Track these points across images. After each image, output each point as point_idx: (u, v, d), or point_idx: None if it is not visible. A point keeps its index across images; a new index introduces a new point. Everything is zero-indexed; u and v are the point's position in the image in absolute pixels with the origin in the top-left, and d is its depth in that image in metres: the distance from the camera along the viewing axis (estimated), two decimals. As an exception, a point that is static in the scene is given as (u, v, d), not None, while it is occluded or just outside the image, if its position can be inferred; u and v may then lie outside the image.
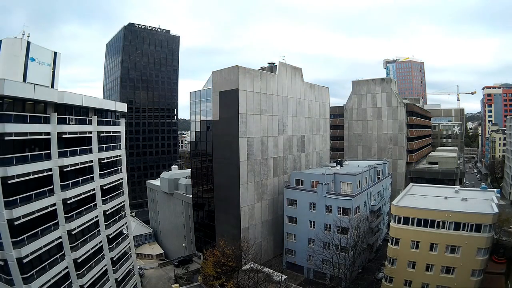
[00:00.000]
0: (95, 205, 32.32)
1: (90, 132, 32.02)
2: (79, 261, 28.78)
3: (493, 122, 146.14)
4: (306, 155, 60.95)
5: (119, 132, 38.32)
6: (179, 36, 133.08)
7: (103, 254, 33.23)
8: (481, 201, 39.97)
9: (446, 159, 78.78)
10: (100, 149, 33.54)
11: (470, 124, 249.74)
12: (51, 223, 26.41)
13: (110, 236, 34.59)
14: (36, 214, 24.60)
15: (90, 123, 32.12)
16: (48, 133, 26.55)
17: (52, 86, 33.56)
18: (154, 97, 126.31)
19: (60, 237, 27.12)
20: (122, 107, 39.36)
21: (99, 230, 32.76)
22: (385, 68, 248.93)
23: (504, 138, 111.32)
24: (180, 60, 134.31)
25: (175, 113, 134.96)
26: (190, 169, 61.24)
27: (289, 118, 55.45)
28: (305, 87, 59.97)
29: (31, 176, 24.40)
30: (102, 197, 33.42)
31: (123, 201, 38.53)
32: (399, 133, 74.49)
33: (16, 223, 22.77)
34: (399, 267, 38.57)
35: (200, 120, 52.01)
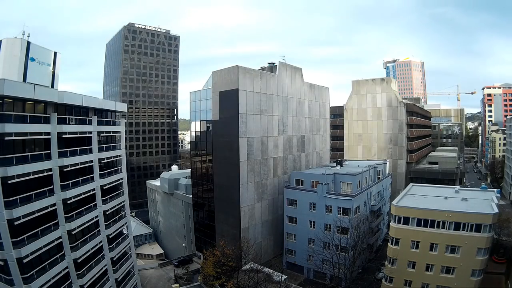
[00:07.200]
0: (95, 205, 32.31)
1: (90, 132, 32.02)
2: (79, 261, 28.78)
3: (493, 122, 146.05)
4: (306, 155, 60.93)
5: (119, 132, 38.34)
6: (179, 36, 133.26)
7: (103, 254, 33.22)
8: (481, 201, 39.95)
9: (446, 159, 78.80)
10: (100, 149, 33.55)
11: (470, 124, 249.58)
12: (51, 223, 26.42)
13: (110, 236, 34.60)
14: (36, 214, 24.60)
15: (90, 123, 32.13)
16: (48, 133, 26.57)
17: (52, 86, 33.58)
18: (154, 97, 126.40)
19: (60, 237, 27.13)
20: (122, 107, 39.42)
21: (99, 230, 32.75)
22: (385, 68, 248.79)
23: (504, 138, 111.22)
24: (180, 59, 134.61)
25: (175, 113, 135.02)
26: (190, 169, 61.24)
27: (289, 118, 55.43)
28: (305, 87, 59.96)
29: (31, 176, 24.40)
30: (102, 197, 33.42)
31: (123, 201, 38.54)
32: (399, 133, 74.45)
33: (16, 223, 22.78)
34: (399, 267, 38.55)
35: (200, 120, 52.02)
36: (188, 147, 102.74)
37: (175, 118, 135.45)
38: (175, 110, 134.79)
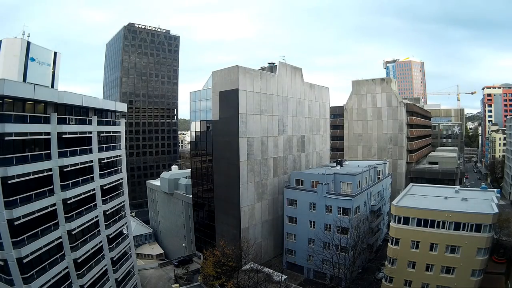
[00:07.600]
0: (95, 205, 32.33)
1: (90, 132, 32.04)
2: (79, 261, 28.80)
3: (493, 122, 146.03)
4: (306, 155, 60.93)
5: (119, 132, 38.35)
6: (179, 36, 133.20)
7: (103, 254, 33.24)
8: (481, 201, 39.96)
9: (446, 159, 78.84)
10: (100, 149, 33.57)
11: (470, 124, 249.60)
12: (51, 223, 26.44)
13: (110, 236, 34.62)
14: (36, 214, 24.62)
15: (90, 123, 32.15)
16: (48, 133, 26.59)
17: (52, 86, 33.58)
18: (154, 97, 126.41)
19: (60, 237, 27.15)
20: (122, 107, 39.41)
21: (99, 230, 32.77)
22: (385, 68, 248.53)
23: (504, 138, 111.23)
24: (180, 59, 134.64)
25: (175, 113, 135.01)
26: (190, 169, 61.24)
27: (289, 118, 55.41)
28: (305, 87, 59.93)
29: (31, 176, 24.42)
30: (102, 197, 33.44)
31: (123, 201, 38.56)
32: (399, 133, 74.45)
33: (16, 223, 22.79)
34: (399, 267, 38.56)
35: (200, 120, 52.02)
36: (188, 147, 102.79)
37: (175, 118, 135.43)
38: (175, 110, 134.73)
